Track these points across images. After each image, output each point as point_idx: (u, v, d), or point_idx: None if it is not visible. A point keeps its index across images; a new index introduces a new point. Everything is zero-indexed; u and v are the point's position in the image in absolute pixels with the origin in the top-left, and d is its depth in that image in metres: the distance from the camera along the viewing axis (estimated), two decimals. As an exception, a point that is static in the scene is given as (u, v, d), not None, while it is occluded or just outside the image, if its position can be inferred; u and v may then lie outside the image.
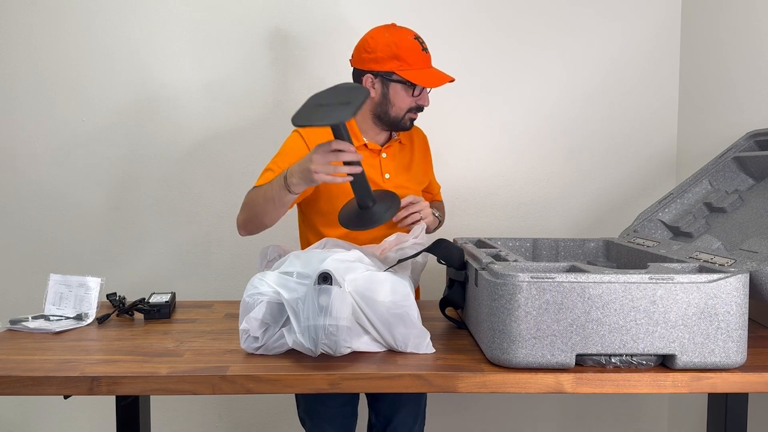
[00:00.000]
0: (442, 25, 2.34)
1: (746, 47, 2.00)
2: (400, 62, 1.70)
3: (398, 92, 1.72)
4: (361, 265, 1.35)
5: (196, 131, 2.35)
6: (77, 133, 2.34)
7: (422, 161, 1.90)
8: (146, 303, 1.63)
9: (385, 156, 1.80)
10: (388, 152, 1.81)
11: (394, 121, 1.75)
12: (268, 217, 1.59)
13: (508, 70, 2.37)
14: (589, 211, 2.43)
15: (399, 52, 1.70)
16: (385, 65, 1.70)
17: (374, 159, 1.78)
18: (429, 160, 1.95)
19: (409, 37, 1.72)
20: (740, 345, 1.18)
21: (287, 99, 2.34)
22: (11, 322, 1.51)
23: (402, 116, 1.74)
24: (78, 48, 2.31)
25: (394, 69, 1.70)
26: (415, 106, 1.74)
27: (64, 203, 2.36)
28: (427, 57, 1.74)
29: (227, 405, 2.46)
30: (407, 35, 1.73)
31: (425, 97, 1.75)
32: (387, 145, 1.80)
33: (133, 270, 2.37)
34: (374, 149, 1.78)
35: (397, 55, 1.70)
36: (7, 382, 1.19)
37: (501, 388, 1.18)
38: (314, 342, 1.20)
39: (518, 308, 1.17)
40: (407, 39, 1.72)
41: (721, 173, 1.81)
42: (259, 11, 2.31)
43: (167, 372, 1.21)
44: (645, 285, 1.16)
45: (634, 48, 2.37)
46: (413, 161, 1.86)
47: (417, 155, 1.88)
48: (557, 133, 2.39)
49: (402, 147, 1.85)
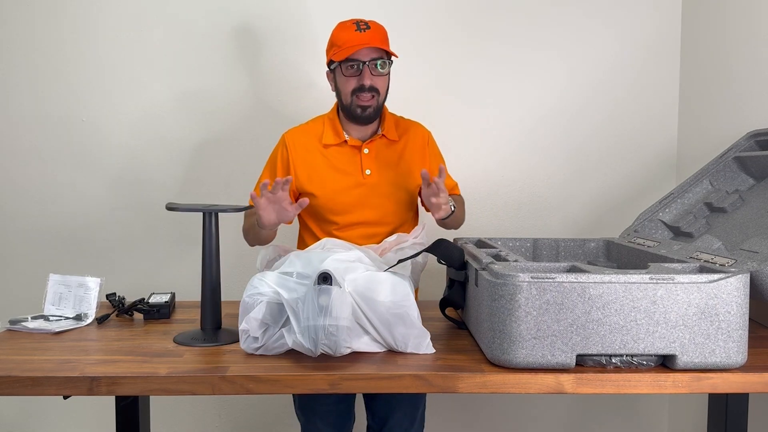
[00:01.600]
0: (442, 25, 2.34)
1: (746, 47, 1.99)
2: (335, 48, 1.71)
3: (340, 77, 1.72)
4: (361, 265, 1.35)
5: (195, 133, 2.35)
6: (77, 134, 2.34)
7: (417, 159, 1.84)
8: (146, 303, 1.63)
9: (367, 152, 1.78)
10: (370, 147, 1.79)
11: (347, 108, 1.73)
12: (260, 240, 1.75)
13: (509, 71, 2.37)
14: (589, 211, 2.42)
15: (333, 38, 1.73)
16: (328, 57, 1.75)
17: (355, 156, 1.78)
18: (431, 158, 1.87)
19: (347, 23, 1.71)
20: (741, 345, 1.18)
21: (281, 100, 2.35)
22: (11, 322, 1.51)
23: (350, 101, 1.71)
24: (77, 48, 2.31)
25: (330, 56, 1.73)
26: (357, 87, 1.69)
27: (63, 203, 2.36)
28: (361, 35, 1.66)
29: (227, 405, 2.45)
30: (345, 22, 1.72)
31: (365, 75, 1.68)
32: (369, 140, 1.79)
33: (132, 270, 2.37)
34: (355, 145, 1.78)
35: (333, 42, 1.73)
36: (7, 382, 1.18)
37: (501, 389, 1.18)
38: (314, 342, 1.20)
39: (518, 308, 1.16)
40: (342, 25, 1.72)
41: (722, 173, 1.80)
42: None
43: (167, 372, 1.20)
44: (645, 285, 1.16)
45: (635, 48, 2.37)
46: (403, 158, 1.82)
47: (409, 153, 1.83)
48: (557, 133, 2.39)
49: (389, 143, 1.81)
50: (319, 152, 1.78)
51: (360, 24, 1.69)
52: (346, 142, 1.78)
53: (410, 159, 1.83)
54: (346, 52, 1.66)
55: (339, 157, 1.77)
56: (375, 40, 1.67)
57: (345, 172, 1.76)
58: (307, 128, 1.82)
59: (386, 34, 1.75)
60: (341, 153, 1.78)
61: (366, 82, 1.68)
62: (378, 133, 1.80)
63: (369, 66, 1.68)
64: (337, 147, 1.78)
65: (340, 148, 1.78)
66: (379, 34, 1.70)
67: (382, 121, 1.82)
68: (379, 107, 1.75)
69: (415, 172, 1.83)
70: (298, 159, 1.77)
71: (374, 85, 1.70)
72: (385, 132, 1.80)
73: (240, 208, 1.48)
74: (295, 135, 1.81)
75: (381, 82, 1.72)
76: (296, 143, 1.79)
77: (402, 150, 1.83)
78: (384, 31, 1.74)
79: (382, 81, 1.72)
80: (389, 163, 1.80)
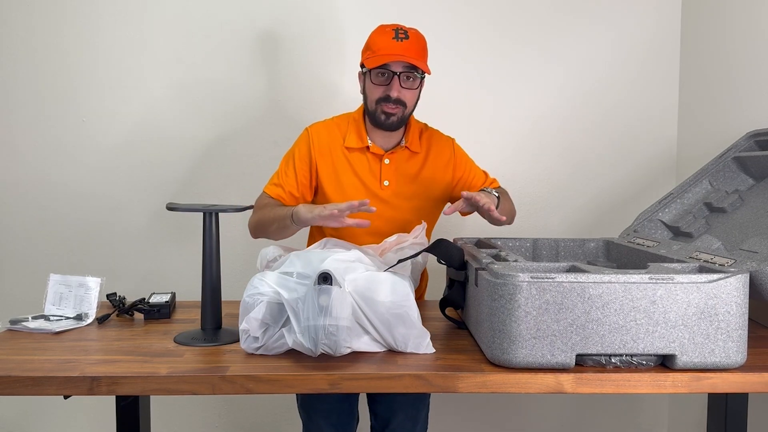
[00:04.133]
0: (443, 26, 2.34)
1: (746, 47, 2.00)
2: (368, 52, 1.67)
3: (369, 83, 1.68)
4: (361, 265, 1.35)
5: (197, 132, 2.35)
6: (77, 134, 2.34)
7: (442, 171, 1.79)
8: (146, 303, 1.63)
9: (388, 162, 1.74)
10: (391, 158, 1.74)
11: (371, 114, 1.70)
12: (276, 235, 1.69)
13: (509, 71, 2.37)
14: (589, 211, 2.42)
15: (370, 42, 1.68)
16: (362, 58, 1.71)
17: (375, 164, 1.74)
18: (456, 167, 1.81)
19: (386, 28, 1.67)
20: (740, 345, 1.18)
21: (284, 99, 2.34)
22: (11, 322, 1.51)
23: (374, 108, 1.68)
24: (77, 49, 2.31)
25: (363, 59, 1.69)
26: (383, 97, 1.65)
27: (64, 203, 2.36)
28: (398, 45, 1.62)
29: (227, 405, 2.46)
30: (385, 26, 1.68)
31: (394, 86, 1.64)
32: (391, 151, 1.74)
33: (133, 270, 2.37)
34: (377, 153, 1.74)
35: (368, 46, 1.69)
36: (7, 382, 1.19)
37: (501, 388, 1.18)
38: (314, 342, 1.20)
39: (518, 308, 1.16)
40: (382, 29, 1.68)
41: (721, 173, 1.80)
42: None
43: (167, 372, 1.20)
44: (645, 285, 1.16)
45: (635, 48, 2.37)
46: (423, 171, 1.77)
47: (431, 166, 1.78)
48: (557, 133, 2.39)
49: (411, 155, 1.77)
50: (342, 154, 1.73)
51: (399, 32, 1.64)
52: (368, 148, 1.73)
53: (432, 172, 1.78)
54: (379, 60, 1.61)
55: (360, 163, 1.74)
56: (411, 52, 1.62)
57: (364, 180, 1.73)
58: (331, 125, 1.77)
59: (425, 47, 1.69)
60: (362, 159, 1.74)
61: (393, 94, 1.64)
62: (401, 144, 1.76)
63: (400, 77, 1.64)
64: (358, 152, 1.74)
65: (362, 153, 1.74)
66: (417, 46, 1.65)
67: (406, 130, 1.77)
68: (404, 118, 1.70)
69: (435, 186, 1.79)
70: (321, 157, 1.73)
71: (401, 98, 1.65)
72: (408, 144, 1.75)
73: (240, 208, 1.48)
74: (320, 131, 1.75)
75: (410, 95, 1.67)
76: (320, 140, 1.74)
77: (423, 162, 1.78)
78: (423, 43, 1.68)
79: (410, 94, 1.68)
80: (408, 176, 1.76)
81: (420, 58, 1.65)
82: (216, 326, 1.44)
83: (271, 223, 1.64)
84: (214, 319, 1.44)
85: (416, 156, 1.77)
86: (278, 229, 1.64)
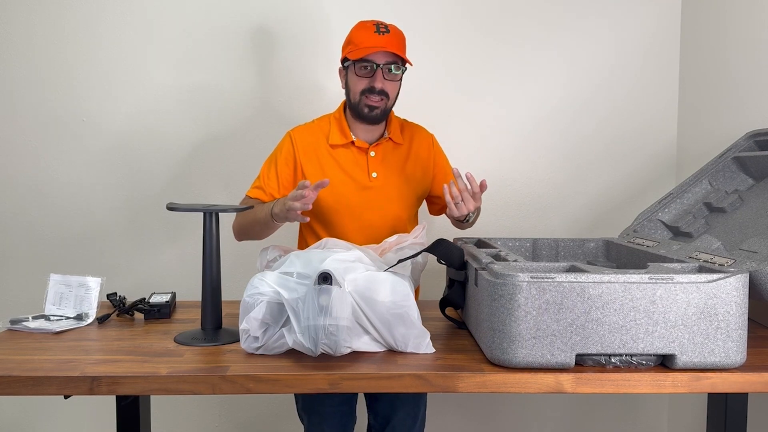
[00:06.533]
0: (442, 25, 2.34)
1: (746, 47, 2.00)
2: (351, 46, 1.71)
3: (352, 76, 1.72)
4: (361, 265, 1.36)
5: (196, 133, 2.35)
6: (77, 134, 2.34)
7: (423, 164, 1.85)
8: (146, 303, 1.63)
9: (374, 155, 1.78)
10: (377, 150, 1.79)
11: (355, 107, 1.73)
12: (259, 235, 1.74)
13: (508, 71, 2.37)
14: (589, 211, 2.43)
15: (351, 36, 1.72)
16: (343, 53, 1.74)
17: (361, 157, 1.78)
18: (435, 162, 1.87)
19: (367, 23, 1.71)
20: (740, 345, 1.18)
21: (278, 99, 2.35)
22: (11, 322, 1.51)
23: (358, 101, 1.71)
24: (77, 50, 2.31)
25: (345, 54, 1.72)
26: (368, 88, 1.69)
27: (64, 203, 2.36)
28: (380, 38, 1.66)
29: (227, 405, 2.46)
30: (365, 21, 1.72)
31: (378, 77, 1.68)
32: (376, 143, 1.79)
33: (133, 270, 2.37)
34: (362, 147, 1.78)
35: (350, 40, 1.72)
36: (7, 382, 1.19)
37: (501, 388, 1.19)
38: (314, 342, 1.20)
39: (518, 308, 1.17)
40: (362, 24, 1.72)
41: (721, 173, 1.81)
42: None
43: (167, 372, 1.21)
44: (645, 285, 1.16)
45: (634, 48, 2.37)
46: (408, 162, 1.82)
47: (415, 157, 1.84)
48: (557, 133, 2.39)
49: (395, 147, 1.82)
50: (327, 152, 1.77)
51: (380, 26, 1.69)
52: (353, 143, 1.77)
53: (415, 163, 1.83)
54: (362, 52, 1.66)
55: (346, 158, 1.77)
56: (392, 45, 1.67)
57: (352, 174, 1.76)
58: (313, 127, 1.82)
59: (404, 40, 1.74)
60: (348, 154, 1.78)
61: (377, 85, 1.69)
62: (384, 136, 1.80)
63: (383, 69, 1.68)
64: (343, 148, 1.78)
65: (347, 149, 1.78)
66: (397, 39, 1.70)
67: (388, 123, 1.82)
68: (386, 110, 1.75)
69: (420, 176, 1.84)
70: (306, 157, 1.77)
71: (385, 89, 1.70)
72: (391, 135, 1.80)
73: (240, 208, 1.49)
74: (302, 133, 1.80)
75: (392, 86, 1.72)
76: (304, 141, 1.78)
77: (407, 153, 1.83)
78: (402, 37, 1.73)
79: (393, 86, 1.73)
80: (395, 166, 1.80)
81: (401, 50, 1.71)
82: (216, 326, 1.44)
83: (253, 225, 1.71)
84: (214, 319, 1.44)
85: (400, 147, 1.83)
86: (261, 229, 1.71)
